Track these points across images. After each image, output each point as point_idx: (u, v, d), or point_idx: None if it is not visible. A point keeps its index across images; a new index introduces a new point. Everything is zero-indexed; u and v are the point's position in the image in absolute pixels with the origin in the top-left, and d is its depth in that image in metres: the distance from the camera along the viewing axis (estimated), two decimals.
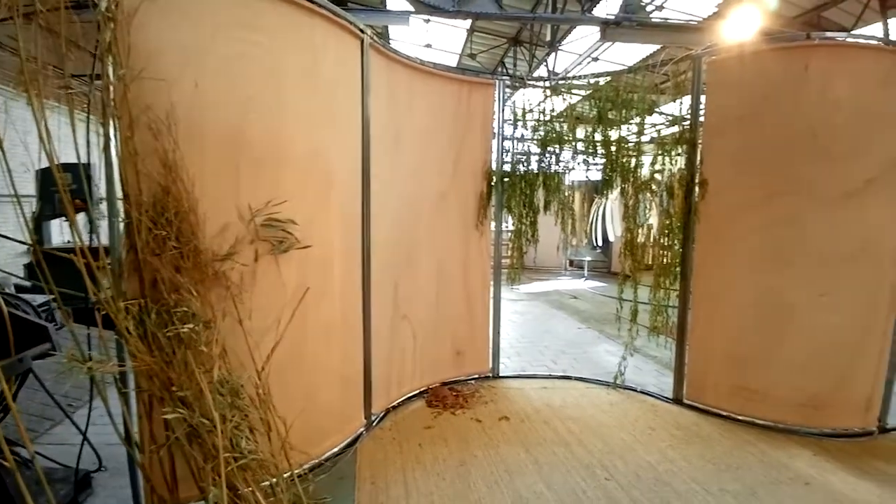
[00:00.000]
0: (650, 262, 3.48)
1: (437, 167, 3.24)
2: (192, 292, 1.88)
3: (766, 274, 2.83)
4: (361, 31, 2.49)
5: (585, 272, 9.88)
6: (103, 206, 1.90)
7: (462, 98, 3.32)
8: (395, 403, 3.07)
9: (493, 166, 3.47)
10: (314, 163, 2.27)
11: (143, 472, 1.79)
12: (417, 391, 3.29)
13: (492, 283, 3.61)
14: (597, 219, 9.49)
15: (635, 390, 3.46)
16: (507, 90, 3.66)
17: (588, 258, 9.85)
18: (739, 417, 2.95)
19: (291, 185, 2.16)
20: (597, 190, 8.73)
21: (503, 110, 3.51)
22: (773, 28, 5.36)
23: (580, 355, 4.37)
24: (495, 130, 3.48)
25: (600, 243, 9.69)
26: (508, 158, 3.52)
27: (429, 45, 10.77)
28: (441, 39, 10.71)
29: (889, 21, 7.04)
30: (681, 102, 3.20)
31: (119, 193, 1.76)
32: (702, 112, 3.04)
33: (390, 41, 10.50)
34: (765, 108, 2.79)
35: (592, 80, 3.97)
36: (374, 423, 2.82)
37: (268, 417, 1.98)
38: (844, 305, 2.71)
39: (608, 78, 3.78)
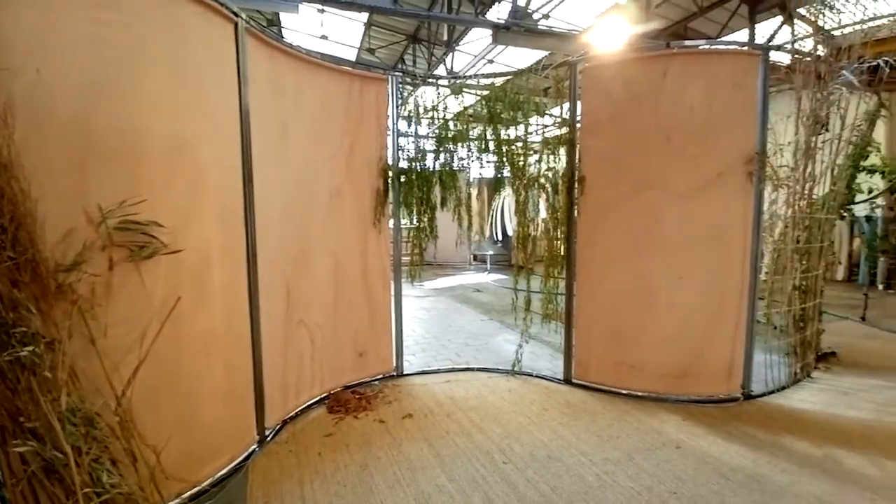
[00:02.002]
0: (542, 255, 3.70)
1: (330, 163, 3.12)
2: (32, 309, 1.61)
3: (634, 260, 3.17)
4: (235, 14, 2.29)
5: (488, 266, 10.28)
6: None
7: (354, 92, 3.23)
8: (292, 414, 2.91)
9: (390, 163, 3.43)
10: (181, 156, 2.04)
11: None
12: (318, 398, 3.15)
13: (393, 280, 3.58)
14: (497, 214, 9.91)
15: (531, 375, 3.67)
16: (408, 87, 3.65)
17: (490, 252, 10.26)
18: (619, 391, 3.27)
19: (153, 182, 1.92)
20: (496, 187, 9.09)
21: (398, 106, 3.49)
22: (642, 39, 5.99)
23: (482, 346, 4.52)
24: (391, 127, 3.45)
25: (500, 238, 10.15)
26: (406, 155, 3.51)
27: (324, 37, 10.38)
28: (338, 32, 10.38)
29: (756, 25, 8.25)
30: (562, 105, 3.45)
31: None
32: (580, 114, 3.30)
33: (282, 30, 9.92)
34: (630, 111, 3.10)
35: (483, 81, 4.11)
36: (268, 438, 2.64)
37: (131, 447, 1.76)
38: (699, 285, 3.12)
39: (498, 80, 3.95)
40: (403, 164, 3.49)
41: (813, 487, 2.20)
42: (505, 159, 3.50)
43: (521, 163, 3.57)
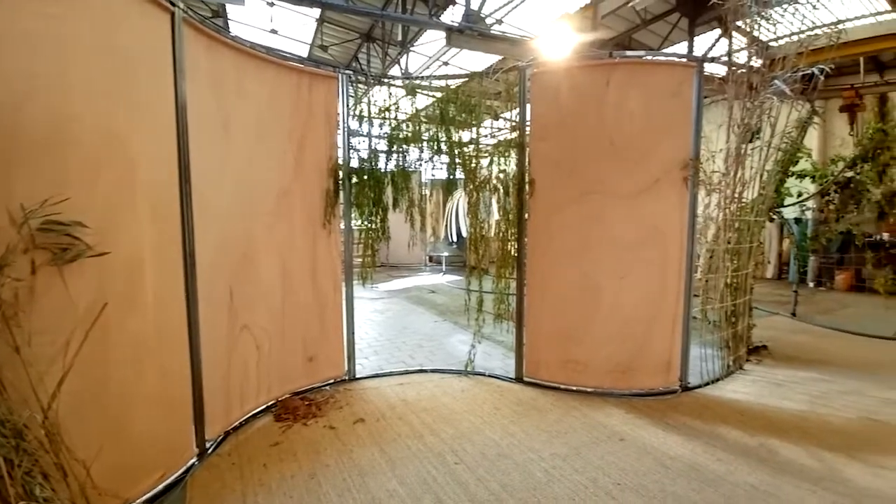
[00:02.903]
0: (494, 256, 3.75)
1: (277, 161, 3.02)
2: None
3: (580, 261, 3.29)
4: (171, 2, 2.17)
5: (444, 267, 10.31)
6: None
7: (303, 89, 3.14)
8: (236, 424, 2.78)
9: (341, 162, 3.37)
10: (111, 150, 1.90)
11: None
12: (265, 406, 3.03)
13: (344, 283, 3.50)
14: (451, 216, 9.97)
15: (484, 375, 3.71)
16: (362, 86, 3.59)
17: (445, 253, 10.30)
18: (568, 387, 3.37)
19: (81, 179, 1.78)
20: (447, 188, 9.15)
21: (348, 105, 3.43)
22: (588, 48, 6.22)
23: (436, 348, 4.52)
24: (342, 126, 3.38)
25: (455, 239, 10.21)
26: (358, 155, 3.46)
27: (274, 31, 10.05)
28: (288, 27, 10.08)
29: (696, 38, 8.71)
30: (513, 110, 3.52)
31: None
32: (529, 119, 3.37)
33: (229, 22, 9.52)
34: (576, 117, 3.21)
35: (436, 83, 4.11)
36: (209, 450, 2.51)
37: (60, 461, 1.63)
38: (641, 284, 3.27)
39: (452, 82, 3.96)
40: (355, 165, 3.43)
41: (750, 477, 2.32)
42: (457, 161, 3.52)
43: (473, 165, 3.60)
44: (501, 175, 3.52)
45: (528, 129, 3.38)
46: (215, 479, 2.28)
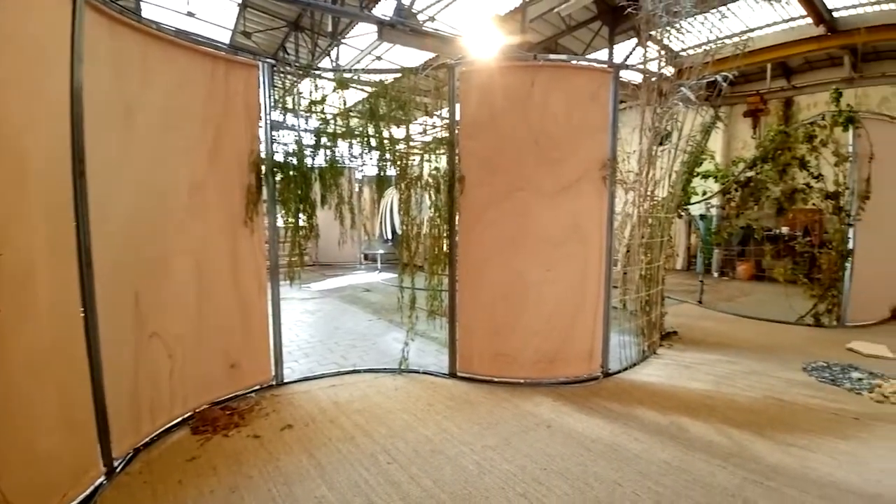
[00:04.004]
0: (427, 253, 3.75)
1: (189, 154, 2.80)
2: None
3: (509, 256, 3.38)
4: None
5: (379, 265, 10.19)
6: None
7: (218, 76, 2.93)
8: (147, 439, 2.56)
9: (264, 157, 3.19)
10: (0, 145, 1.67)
11: None
12: (181, 418, 2.82)
13: (269, 283, 3.34)
14: (385, 213, 9.86)
15: (418, 372, 3.71)
16: (290, 77, 3.43)
17: (381, 251, 10.17)
18: (499, 380, 3.46)
19: None
20: (378, 185, 9.06)
21: (272, 96, 3.26)
22: (516, 49, 6.40)
23: (370, 347, 4.46)
24: (265, 118, 3.20)
25: (391, 236, 10.11)
26: (284, 149, 3.30)
27: (191, 14, 9.34)
28: (207, 10, 9.41)
29: (616, 46, 9.22)
30: (444, 107, 3.53)
31: None
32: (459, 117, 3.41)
33: (141, 3, 8.70)
34: (504, 116, 3.29)
35: (366, 77, 4.04)
36: (118, 469, 2.29)
37: None
38: (565, 278, 3.43)
39: (380, 77, 3.90)
40: (280, 159, 3.27)
41: (664, 454, 2.50)
42: (388, 157, 3.48)
43: (404, 162, 3.57)
44: (433, 172, 3.53)
45: (458, 127, 3.41)
46: (125, 499, 2.08)
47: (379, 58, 10.44)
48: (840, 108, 5.15)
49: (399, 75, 3.72)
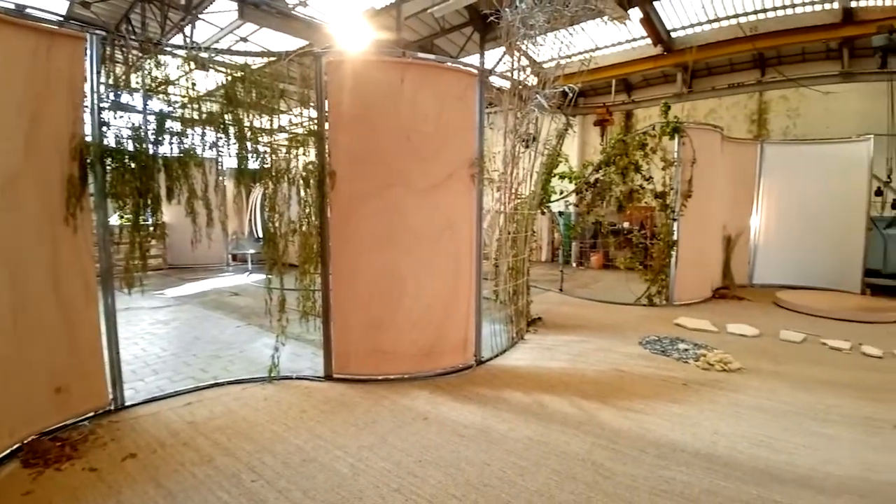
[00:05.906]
0: (297, 251, 3.54)
1: (0, 144, 2.27)
2: None
3: (383, 251, 3.37)
4: None
5: (250, 266, 9.40)
6: None
7: (40, 52, 2.43)
8: None
9: (90, 142, 2.70)
10: None
11: None
12: (8, 450, 2.34)
13: (101, 292, 2.84)
14: (255, 210, 9.12)
15: (291, 378, 3.50)
16: (135, 54, 2.93)
17: (251, 251, 9.39)
18: (377, 377, 3.43)
19: None
20: (254, 179, 8.37)
21: (103, 73, 2.77)
22: (386, 44, 6.38)
23: (236, 356, 4.08)
24: (93, 98, 2.71)
25: (261, 235, 9.39)
26: (118, 135, 2.82)
27: None
28: None
29: (487, 52, 9.63)
30: (310, 97, 3.34)
31: None
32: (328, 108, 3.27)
33: None
34: (375, 111, 3.25)
35: (225, 58, 3.65)
36: None
37: None
38: (439, 272, 3.52)
39: (240, 59, 3.56)
40: (112, 145, 2.79)
41: (527, 430, 2.72)
42: (248, 148, 3.19)
43: (269, 154, 3.31)
44: (301, 166, 3.33)
45: (327, 119, 3.28)
46: None
47: (245, 39, 9.58)
48: (668, 119, 6.11)
49: (261, 59, 3.43)
